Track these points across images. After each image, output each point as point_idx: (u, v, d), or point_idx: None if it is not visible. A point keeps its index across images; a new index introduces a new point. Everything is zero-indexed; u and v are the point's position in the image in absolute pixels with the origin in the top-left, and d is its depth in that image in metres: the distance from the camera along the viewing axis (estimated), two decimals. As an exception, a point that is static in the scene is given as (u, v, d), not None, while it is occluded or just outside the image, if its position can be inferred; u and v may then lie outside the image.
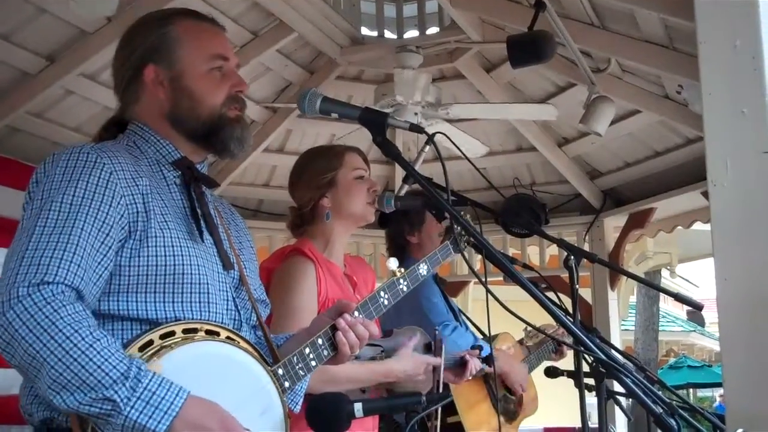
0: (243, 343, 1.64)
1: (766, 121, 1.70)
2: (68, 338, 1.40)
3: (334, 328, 1.77)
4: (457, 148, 2.18)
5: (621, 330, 5.53)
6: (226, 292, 1.73)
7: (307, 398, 1.81)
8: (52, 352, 1.39)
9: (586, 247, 5.02)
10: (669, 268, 8.18)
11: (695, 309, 2.71)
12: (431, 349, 2.66)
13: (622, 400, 2.70)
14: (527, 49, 3.35)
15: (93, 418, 1.42)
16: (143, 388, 1.41)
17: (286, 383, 1.70)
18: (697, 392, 16.90)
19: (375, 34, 4.50)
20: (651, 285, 5.07)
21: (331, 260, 2.54)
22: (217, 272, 1.71)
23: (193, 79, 1.75)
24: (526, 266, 3.20)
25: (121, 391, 1.40)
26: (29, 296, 1.42)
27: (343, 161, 2.57)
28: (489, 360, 2.85)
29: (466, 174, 5.20)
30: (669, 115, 4.14)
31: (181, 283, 1.62)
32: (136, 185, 1.62)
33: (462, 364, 2.82)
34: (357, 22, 4.44)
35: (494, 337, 3.39)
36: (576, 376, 2.33)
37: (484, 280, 1.83)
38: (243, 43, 4.02)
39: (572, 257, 2.48)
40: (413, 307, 2.92)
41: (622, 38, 3.59)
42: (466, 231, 1.74)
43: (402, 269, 2.00)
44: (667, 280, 12.04)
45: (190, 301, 1.63)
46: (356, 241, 5.43)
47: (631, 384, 1.56)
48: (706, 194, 1.96)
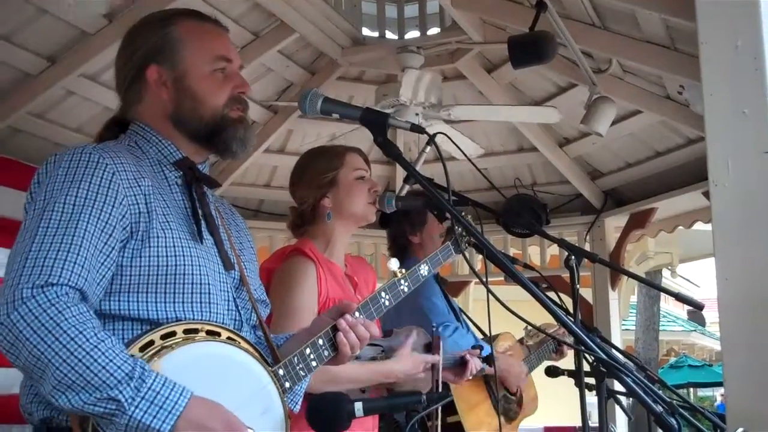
0: (244, 344, 1.64)
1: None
2: (73, 339, 1.41)
3: (335, 329, 1.78)
4: (459, 150, 2.18)
5: (622, 330, 5.53)
6: (227, 292, 1.74)
7: (307, 398, 1.81)
8: (57, 353, 1.40)
9: (587, 247, 5.02)
10: (670, 268, 8.19)
11: (696, 309, 2.71)
12: (431, 349, 2.66)
13: (623, 399, 2.70)
14: (528, 49, 3.35)
15: (97, 418, 1.42)
16: (147, 388, 1.42)
17: (287, 383, 1.70)
18: (697, 392, 16.88)
19: (376, 34, 4.50)
20: (652, 285, 5.06)
21: (332, 260, 2.54)
22: (218, 273, 1.72)
23: (195, 80, 1.75)
24: (527, 266, 3.20)
25: (125, 391, 1.40)
26: (33, 298, 1.42)
27: (344, 161, 2.57)
28: (489, 360, 2.85)
29: (467, 174, 5.20)
30: (670, 116, 4.14)
31: (183, 283, 1.62)
32: (139, 186, 1.62)
33: (462, 364, 2.82)
34: (358, 22, 4.44)
35: (495, 337, 3.39)
36: (577, 375, 2.33)
37: (484, 280, 1.83)
38: (244, 44, 4.01)
39: (573, 257, 2.49)
40: (414, 307, 2.92)
41: (623, 39, 3.59)
42: (467, 231, 1.73)
43: (403, 270, 2.00)
44: (668, 280, 12.05)
45: (191, 302, 1.63)
46: (357, 241, 5.43)
47: (631, 383, 1.56)
48: (707, 194, 1.96)
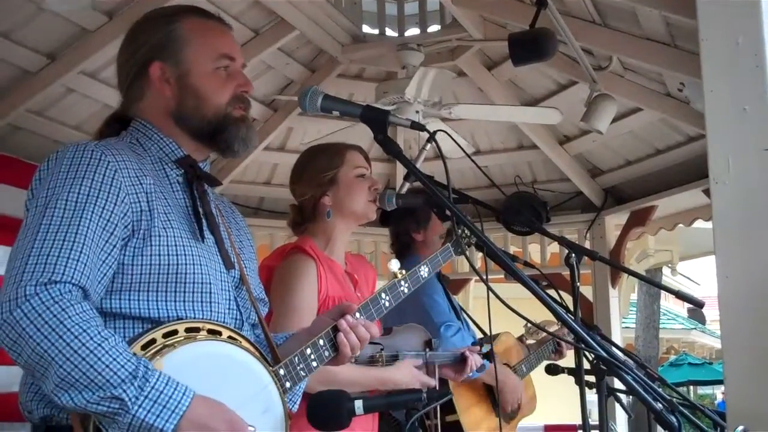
0: (245, 343, 1.64)
1: (768, 119, 1.70)
2: (77, 337, 1.40)
3: (336, 329, 1.78)
4: (461, 148, 2.18)
5: (622, 327, 5.54)
6: (228, 291, 1.73)
7: (306, 397, 1.81)
8: (61, 351, 1.39)
9: (587, 245, 5.02)
10: (670, 265, 8.19)
11: (696, 306, 2.71)
12: (431, 347, 2.67)
13: (623, 397, 2.70)
14: (529, 46, 3.34)
15: (99, 417, 1.42)
16: (151, 387, 1.42)
17: (288, 383, 1.70)
18: (697, 389, 16.90)
19: (376, 32, 4.49)
20: (652, 282, 5.07)
21: (332, 258, 2.54)
22: (219, 272, 1.71)
23: (198, 78, 1.75)
24: (527, 264, 3.20)
25: (129, 390, 1.40)
26: (37, 295, 1.42)
27: (344, 159, 2.57)
28: (489, 356, 2.85)
29: (467, 172, 5.19)
30: (670, 113, 4.13)
31: (184, 282, 1.62)
32: (140, 184, 1.62)
33: (462, 361, 2.83)
34: (358, 19, 4.43)
35: (495, 337, 3.39)
36: (577, 373, 2.33)
37: (485, 277, 1.83)
38: (244, 41, 4.00)
39: (573, 255, 2.49)
40: (416, 304, 2.91)
41: (623, 36, 3.58)
42: (467, 228, 1.73)
43: (403, 271, 2.00)
44: (668, 278, 12.07)
45: (193, 301, 1.63)
46: (357, 239, 5.43)
47: (631, 381, 1.56)
48: (707, 192, 1.96)
